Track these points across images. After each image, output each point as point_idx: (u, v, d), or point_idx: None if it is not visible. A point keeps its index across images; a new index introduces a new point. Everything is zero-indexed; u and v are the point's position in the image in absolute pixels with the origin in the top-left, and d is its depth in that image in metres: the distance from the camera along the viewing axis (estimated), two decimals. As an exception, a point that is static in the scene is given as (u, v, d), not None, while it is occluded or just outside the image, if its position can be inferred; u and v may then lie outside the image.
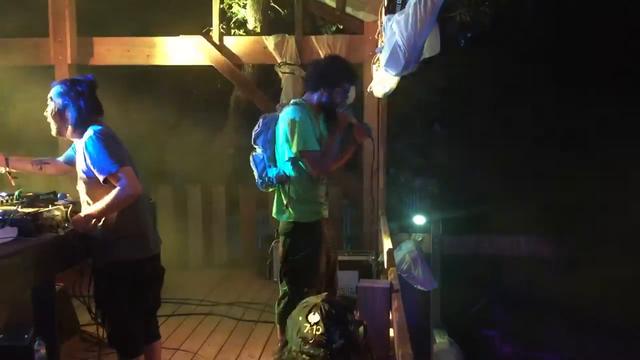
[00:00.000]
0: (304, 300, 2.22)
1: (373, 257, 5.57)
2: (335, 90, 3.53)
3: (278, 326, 3.74)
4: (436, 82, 8.08)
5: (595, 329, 8.17)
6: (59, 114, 3.07)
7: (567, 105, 9.26)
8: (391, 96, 6.08)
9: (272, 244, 6.10)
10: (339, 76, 3.55)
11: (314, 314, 2.08)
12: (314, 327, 2.06)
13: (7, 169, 3.34)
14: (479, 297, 8.58)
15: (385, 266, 4.65)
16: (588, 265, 8.26)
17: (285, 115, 3.50)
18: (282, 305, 3.64)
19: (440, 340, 6.99)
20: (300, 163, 3.52)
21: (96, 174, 2.92)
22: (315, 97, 3.56)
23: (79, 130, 3.06)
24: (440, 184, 8.49)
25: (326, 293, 2.32)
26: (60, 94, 3.06)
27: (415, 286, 5.38)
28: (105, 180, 2.90)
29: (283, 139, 3.52)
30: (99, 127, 3.01)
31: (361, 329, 2.21)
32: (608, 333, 8.11)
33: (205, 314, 5.22)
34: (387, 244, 5.10)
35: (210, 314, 5.21)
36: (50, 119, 3.11)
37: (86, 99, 3.05)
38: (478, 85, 9.00)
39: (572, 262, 8.30)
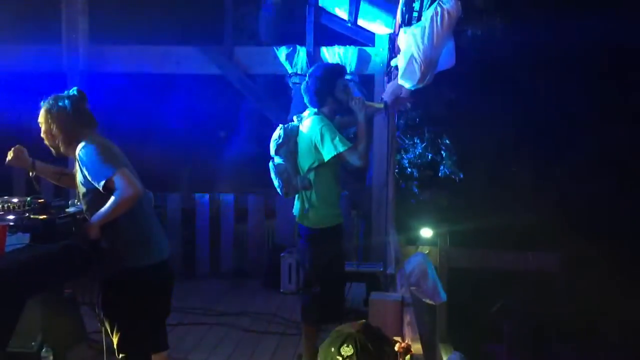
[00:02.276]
0: (339, 328, 2.08)
1: (381, 269, 5.54)
2: (335, 93, 3.68)
3: (304, 325, 3.75)
4: (446, 95, 8.07)
5: (601, 346, 8.11)
6: (48, 133, 3.08)
7: (584, 120, 9.24)
8: (401, 108, 6.09)
9: (282, 254, 6.11)
10: (331, 80, 3.70)
11: (348, 345, 1.94)
12: None
13: (33, 174, 3.36)
14: (491, 306, 8.53)
15: (395, 279, 4.62)
16: (596, 282, 8.21)
17: (311, 126, 3.61)
18: (312, 307, 3.67)
19: (451, 354, 6.93)
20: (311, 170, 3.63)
21: (94, 181, 2.91)
22: (326, 109, 3.71)
23: (72, 145, 3.05)
24: (448, 197, 8.46)
25: (363, 321, 2.17)
26: (44, 113, 3.07)
27: (423, 299, 5.34)
28: (104, 188, 2.89)
29: (310, 149, 3.61)
30: (90, 138, 3.01)
31: (408, 357, 2.07)
32: (614, 350, 8.05)
33: (212, 323, 5.19)
34: (396, 256, 5.07)
35: (217, 324, 5.18)
36: (45, 140, 3.13)
37: (71, 115, 3.04)
38: (487, 98, 8.98)
39: (581, 279, 8.25)
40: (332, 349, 1.94)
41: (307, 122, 3.65)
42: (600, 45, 8.79)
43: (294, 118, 3.86)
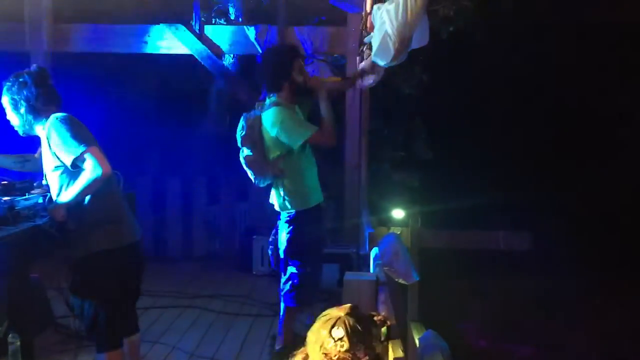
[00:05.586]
0: (326, 312, 2.14)
1: (354, 250, 5.55)
2: (292, 76, 3.55)
3: (283, 305, 3.73)
4: (418, 76, 8.06)
5: (573, 323, 8.27)
6: (14, 112, 3.00)
7: (557, 100, 9.34)
8: (373, 89, 6.06)
9: (254, 236, 6.08)
10: (285, 63, 3.57)
11: (338, 328, 2.00)
12: (338, 342, 1.99)
13: None
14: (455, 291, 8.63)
15: (368, 259, 4.62)
16: (565, 261, 8.35)
17: (272, 119, 3.50)
18: (293, 289, 3.64)
19: (424, 334, 6.98)
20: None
21: (63, 158, 2.83)
22: (283, 94, 3.58)
23: (38, 122, 2.97)
24: (420, 178, 8.50)
25: (350, 305, 2.24)
26: (6, 92, 2.98)
27: (396, 279, 5.35)
28: (73, 164, 2.81)
29: (274, 141, 3.52)
30: (60, 114, 2.93)
31: (384, 329, 2.15)
32: (584, 328, 8.21)
33: (184, 306, 5.15)
34: (369, 237, 5.08)
35: (189, 307, 5.13)
36: (11, 121, 3.04)
37: (33, 90, 2.95)
38: (460, 79, 9.00)
39: (550, 258, 8.38)
40: (323, 332, 2.01)
41: (267, 114, 3.54)
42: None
43: (256, 105, 3.77)
